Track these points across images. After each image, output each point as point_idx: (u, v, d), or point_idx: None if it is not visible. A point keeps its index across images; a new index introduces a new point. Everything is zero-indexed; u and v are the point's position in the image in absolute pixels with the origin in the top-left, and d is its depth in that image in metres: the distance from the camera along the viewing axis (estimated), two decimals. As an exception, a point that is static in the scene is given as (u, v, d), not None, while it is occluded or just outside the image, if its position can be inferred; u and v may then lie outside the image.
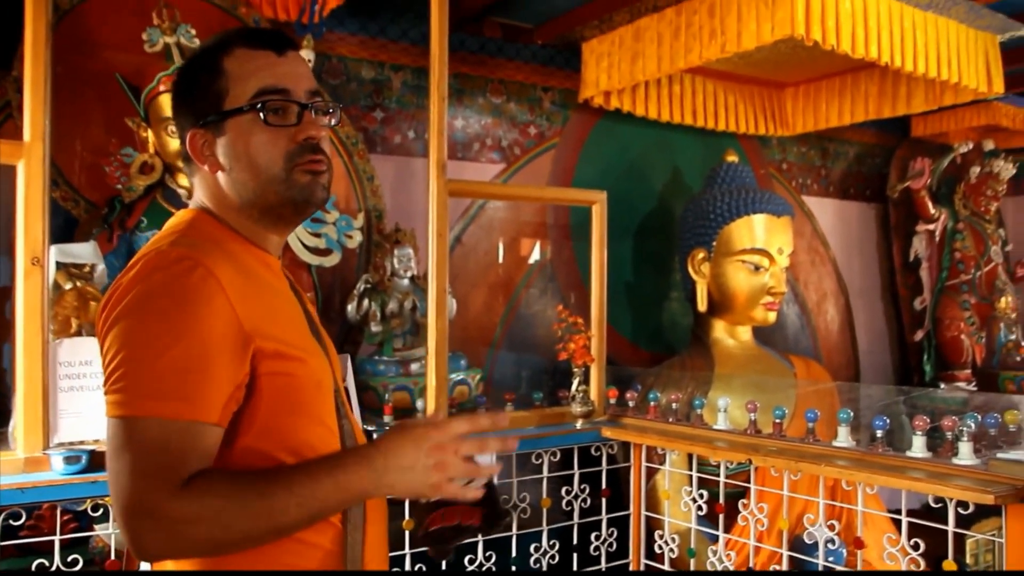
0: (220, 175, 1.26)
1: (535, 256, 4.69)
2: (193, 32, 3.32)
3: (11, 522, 2.31)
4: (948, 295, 5.85)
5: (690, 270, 4.43)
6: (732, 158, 4.61)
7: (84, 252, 2.68)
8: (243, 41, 1.26)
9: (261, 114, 1.22)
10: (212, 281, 1.11)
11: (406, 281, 3.76)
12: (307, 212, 1.32)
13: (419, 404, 3.23)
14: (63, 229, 3.31)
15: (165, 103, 3.26)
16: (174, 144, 3.29)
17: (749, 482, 2.95)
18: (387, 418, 3.06)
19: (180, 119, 1.32)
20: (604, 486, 3.28)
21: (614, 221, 4.62)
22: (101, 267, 2.79)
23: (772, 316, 4.42)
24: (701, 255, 4.38)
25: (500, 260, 4.58)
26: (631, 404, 3.43)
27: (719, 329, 4.49)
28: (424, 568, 2.91)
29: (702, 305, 4.42)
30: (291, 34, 3.65)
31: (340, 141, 3.95)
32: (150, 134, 3.33)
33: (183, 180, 3.38)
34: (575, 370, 3.32)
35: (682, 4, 3.91)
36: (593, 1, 4.18)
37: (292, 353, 1.21)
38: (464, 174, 4.44)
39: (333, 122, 1.33)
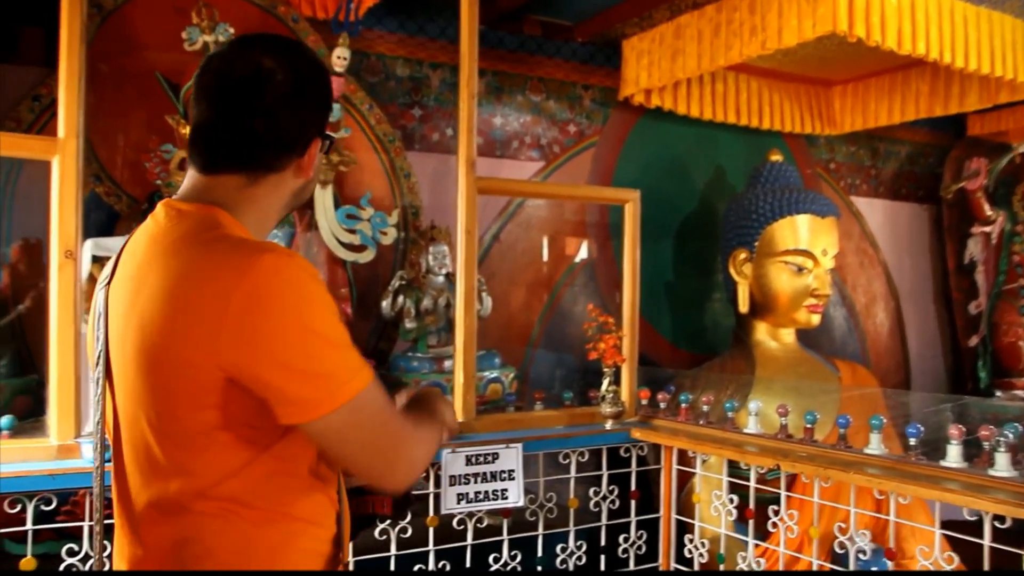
0: (299, 181, 1.33)
1: (575, 255, 4.66)
2: (231, 31, 3.36)
3: (42, 507, 2.37)
4: (1006, 299, 5.64)
5: (731, 271, 4.35)
6: (776, 157, 4.52)
7: (117, 245, 2.72)
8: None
9: (329, 142, 1.36)
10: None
11: (441, 278, 3.76)
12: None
13: (447, 401, 3.22)
14: (105, 223, 3.40)
15: (204, 101, 3.32)
16: (212, 141, 3.34)
17: (788, 488, 2.89)
18: (414, 414, 3.07)
19: (303, 119, 1.29)
20: (633, 488, 3.24)
21: (655, 220, 4.58)
22: (135, 261, 2.84)
23: (816, 319, 4.32)
24: (743, 255, 4.31)
25: (539, 258, 4.56)
26: (662, 406, 3.37)
27: (761, 331, 4.41)
28: (448, 566, 2.91)
29: (743, 306, 4.34)
30: (328, 32, 3.68)
31: (377, 139, 3.98)
32: (188, 131, 3.39)
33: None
34: (605, 370, 3.28)
35: (723, 1, 3.85)
36: (633, -2, 4.15)
37: None
38: (502, 172, 4.44)
39: None
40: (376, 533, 2.81)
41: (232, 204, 1.25)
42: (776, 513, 2.86)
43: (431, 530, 2.86)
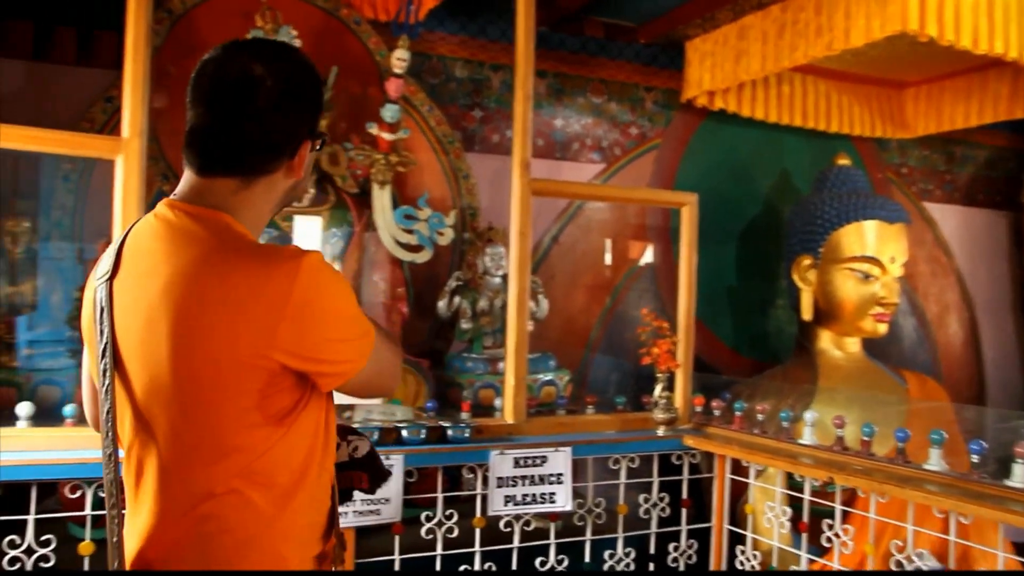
0: (290, 181, 1.40)
1: (635, 258, 4.62)
2: (295, 33, 3.42)
3: (100, 493, 2.44)
4: (1090, 311, 5.39)
5: (795, 277, 4.25)
6: (844, 161, 4.40)
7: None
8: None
9: (320, 143, 1.44)
10: None
11: (497, 279, 3.76)
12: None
13: (497, 403, 3.22)
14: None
15: (266, 102, 3.39)
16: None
17: (849, 502, 2.80)
18: (464, 415, 3.08)
19: (292, 122, 1.35)
20: (685, 496, 3.19)
21: (717, 224, 4.51)
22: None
23: (882, 328, 4.19)
24: (807, 262, 4.20)
25: (598, 261, 4.53)
26: (716, 413, 3.31)
27: (825, 339, 4.30)
28: (493, 567, 2.91)
29: (807, 314, 4.23)
30: (389, 35, 3.72)
31: (437, 140, 4.01)
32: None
33: (282, 176, 3.50)
34: (659, 375, 3.23)
35: (788, 1, 3.76)
36: (697, -1, 4.09)
37: None
38: (563, 174, 4.43)
39: None
40: (423, 533, 2.82)
41: (231, 207, 1.33)
42: (831, 527, 2.78)
43: (477, 531, 2.87)
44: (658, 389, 3.23)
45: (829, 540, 2.79)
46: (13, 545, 2.36)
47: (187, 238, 1.27)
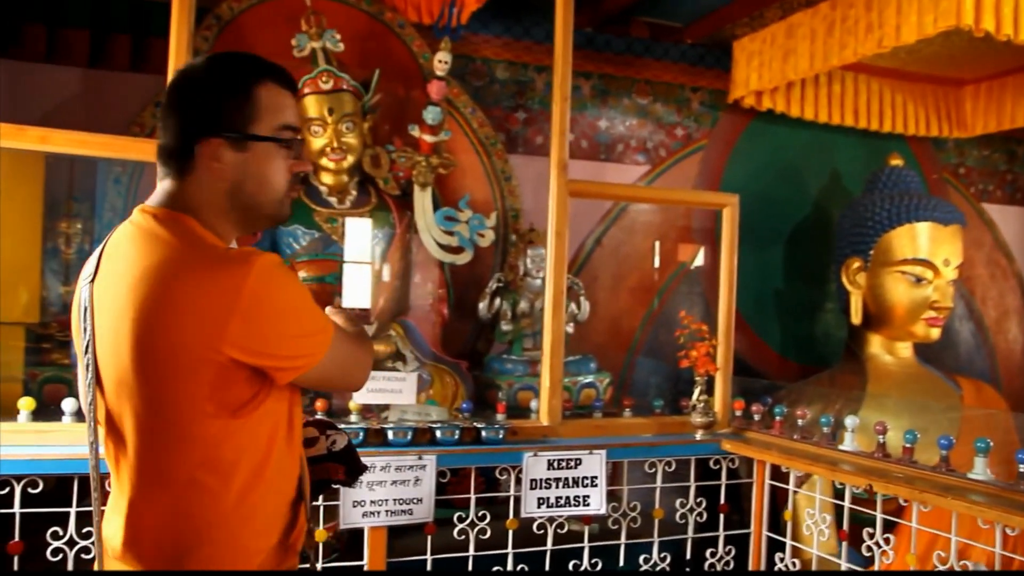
0: (221, 181, 1.41)
1: (680, 260, 4.57)
2: (338, 37, 3.48)
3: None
4: None
5: (844, 280, 4.15)
6: (896, 161, 4.28)
7: (221, 244, 2.86)
8: (271, 76, 1.45)
9: (284, 147, 1.45)
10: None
11: (538, 281, 3.75)
12: (274, 226, 1.63)
13: (533, 404, 3.22)
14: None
15: (310, 104, 3.45)
16: (317, 143, 3.47)
17: (896, 511, 2.72)
18: (499, 416, 3.08)
19: (187, 121, 1.41)
20: (723, 501, 3.14)
21: (765, 226, 4.44)
22: (236, 258, 2.97)
23: (935, 332, 4.06)
24: (856, 264, 4.10)
25: (642, 263, 4.50)
26: (756, 418, 3.26)
27: (876, 344, 4.19)
28: (526, 569, 2.91)
29: (856, 317, 4.13)
30: (433, 37, 3.74)
31: (479, 141, 4.02)
32: (296, 134, 3.52)
33: (325, 178, 3.56)
34: (697, 379, 3.19)
35: (837, -3, 3.69)
36: (744, -3, 4.03)
37: None
38: (607, 175, 4.41)
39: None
40: (455, 533, 2.83)
41: (182, 207, 1.41)
42: (871, 536, 2.71)
43: (510, 533, 2.87)
44: (696, 392, 3.19)
45: (870, 549, 2.72)
46: (56, 536, 2.44)
47: (152, 241, 1.35)
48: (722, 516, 3.15)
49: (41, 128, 2.59)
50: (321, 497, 2.56)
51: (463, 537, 2.83)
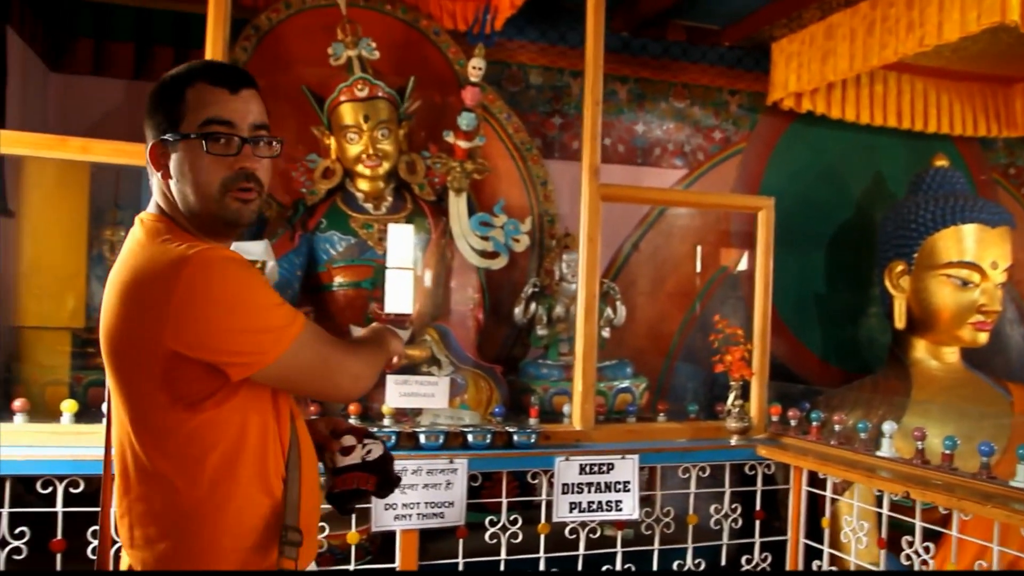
0: (171, 183, 1.46)
1: (718, 264, 4.52)
2: (373, 45, 3.52)
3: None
4: None
5: (887, 284, 4.07)
6: (941, 162, 4.19)
7: (256, 250, 2.91)
8: (205, 76, 1.45)
9: (204, 141, 1.42)
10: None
11: (574, 286, 3.72)
12: (236, 231, 1.53)
13: (566, 409, 3.21)
14: (256, 228, 3.63)
15: (346, 112, 3.50)
16: (353, 150, 3.52)
17: (942, 520, 2.66)
18: (532, 420, 3.08)
19: (146, 130, 1.49)
20: (758, 507, 3.10)
21: (806, 230, 4.38)
22: (272, 264, 3.02)
23: (983, 337, 3.95)
24: (900, 268, 4.01)
25: (680, 268, 4.47)
26: (793, 423, 3.21)
27: (921, 349, 4.09)
28: (556, 570, 2.90)
29: (900, 322, 4.04)
30: (468, 44, 3.77)
31: (515, 147, 4.04)
32: (332, 141, 3.58)
33: (362, 184, 3.61)
34: (732, 383, 3.16)
35: (877, -4, 3.63)
36: (783, -1, 3.99)
37: None
38: (644, 180, 4.39)
39: (275, 153, 1.53)
40: (487, 537, 2.84)
41: (164, 211, 1.48)
42: (911, 544, 2.65)
43: (542, 537, 2.86)
44: (731, 397, 3.16)
45: (909, 558, 2.65)
46: (96, 535, 2.49)
47: (130, 243, 1.44)
48: (758, 522, 3.10)
49: (82, 139, 2.67)
50: (356, 506, 2.58)
51: (495, 541, 2.84)
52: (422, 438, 2.83)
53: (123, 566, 1.47)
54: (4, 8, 3.21)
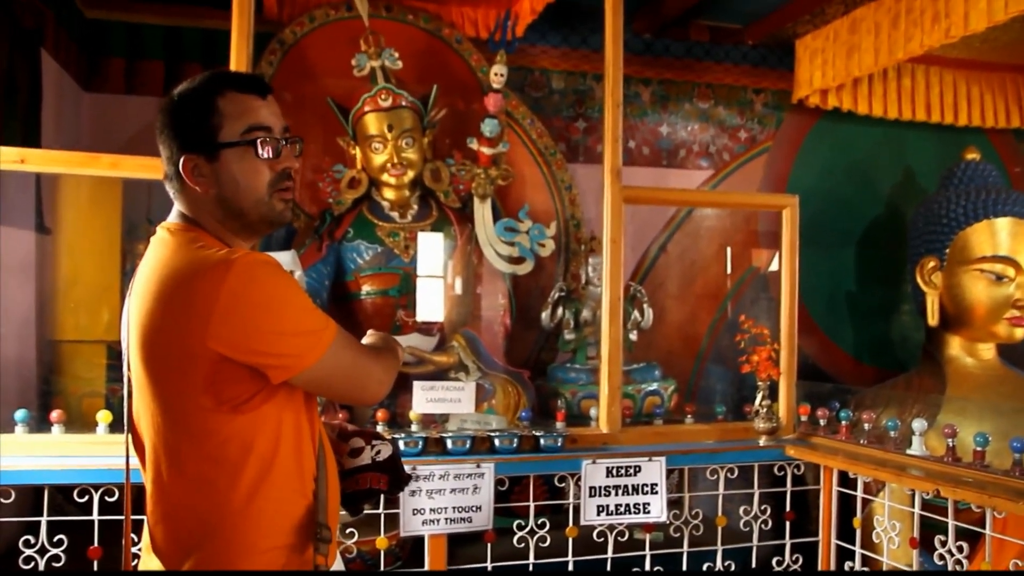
0: (208, 194, 1.49)
1: (747, 265, 4.49)
2: (396, 55, 3.56)
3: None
4: None
5: (919, 280, 4.01)
6: (973, 155, 4.12)
7: (284, 260, 2.96)
8: (231, 85, 1.51)
9: (253, 147, 1.49)
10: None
11: (600, 289, 3.75)
12: (275, 228, 1.62)
13: (593, 412, 3.21)
14: (284, 239, 3.70)
15: (370, 122, 3.55)
16: (378, 159, 3.56)
17: (977, 519, 2.62)
18: (559, 424, 3.09)
19: (170, 144, 1.51)
20: (788, 508, 3.07)
21: (835, 227, 4.35)
22: (299, 273, 3.07)
23: (1020, 332, 3.87)
24: (931, 264, 3.96)
25: (708, 269, 4.45)
26: (822, 423, 3.18)
27: (955, 346, 4.02)
28: (584, 573, 2.90)
29: (932, 319, 3.98)
30: (488, 50, 3.80)
31: (539, 152, 4.05)
32: (357, 151, 3.63)
33: (387, 193, 3.65)
34: (759, 384, 3.14)
35: (901, -12, 3.59)
36: (805, -5, 3.96)
37: None
38: (669, 181, 4.39)
39: (300, 152, 1.60)
40: (515, 541, 2.85)
41: (191, 220, 1.51)
42: (943, 544, 2.61)
43: (570, 540, 2.87)
44: (759, 398, 3.14)
45: (942, 557, 2.61)
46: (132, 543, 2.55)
47: (159, 250, 1.46)
48: (788, 523, 3.08)
49: (113, 155, 2.73)
50: (368, 506, 2.60)
51: (523, 545, 2.85)
52: (449, 443, 2.85)
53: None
54: (39, 31, 3.30)
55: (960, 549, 2.56)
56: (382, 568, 2.78)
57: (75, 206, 3.36)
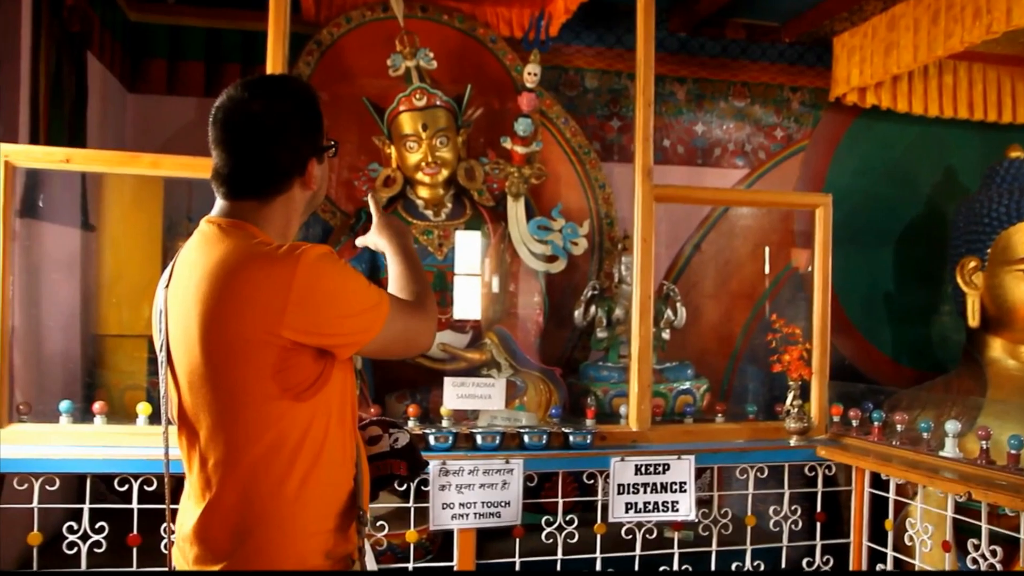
0: (307, 192, 1.61)
1: (782, 264, 4.46)
2: (431, 55, 3.60)
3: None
4: None
5: (959, 280, 3.95)
6: (1016, 153, 4.04)
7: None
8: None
9: (334, 150, 1.66)
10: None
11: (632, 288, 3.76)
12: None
13: (623, 411, 3.22)
14: (321, 236, 3.76)
15: (405, 121, 3.59)
16: (413, 158, 3.60)
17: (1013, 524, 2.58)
18: (589, 421, 3.10)
19: (294, 148, 1.56)
20: (819, 509, 3.05)
21: (873, 227, 4.30)
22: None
23: (1063, 335, 3.80)
24: (972, 264, 3.89)
25: (742, 268, 4.42)
26: (854, 423, 3.15)
27: (996, 348, 3.95)
28: (611, 570, 2.91)
29: (973, 320, 3.92)
30: (522, 50, 3.82)
31: (572, 151, 4.07)
32: (392, 150, 3.67)
33: (421, 191, 3.69)
34: (791, 383, 3.12)
35: (940, -16, 3.53)
36: (842, -8, 3.93)
37: None
38: (705, 180, 4.37)
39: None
40: (544, 537, 2.87)
41: (256, 220, 1.54)
42: (976, 548, 2.57)
43: (598, 537, 2.88)
44: (790, 397, 3.12)
45: (975, 562, 2.58)
46: (168, 531, 2.62)
47: (215, 243, 1.48)
48: (819, 524, 3.06)
49: (153, 155, 2.81)
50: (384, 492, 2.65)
51: (551, 541, 2.87)
52: (479, 439, 2.88)
53: (176, 561, 1.54)
54: (85, 34, 3.40)
55: (994, 553, 2.52)
56: (411, 561, 2.82)
57: (118, 204, 3.46)
